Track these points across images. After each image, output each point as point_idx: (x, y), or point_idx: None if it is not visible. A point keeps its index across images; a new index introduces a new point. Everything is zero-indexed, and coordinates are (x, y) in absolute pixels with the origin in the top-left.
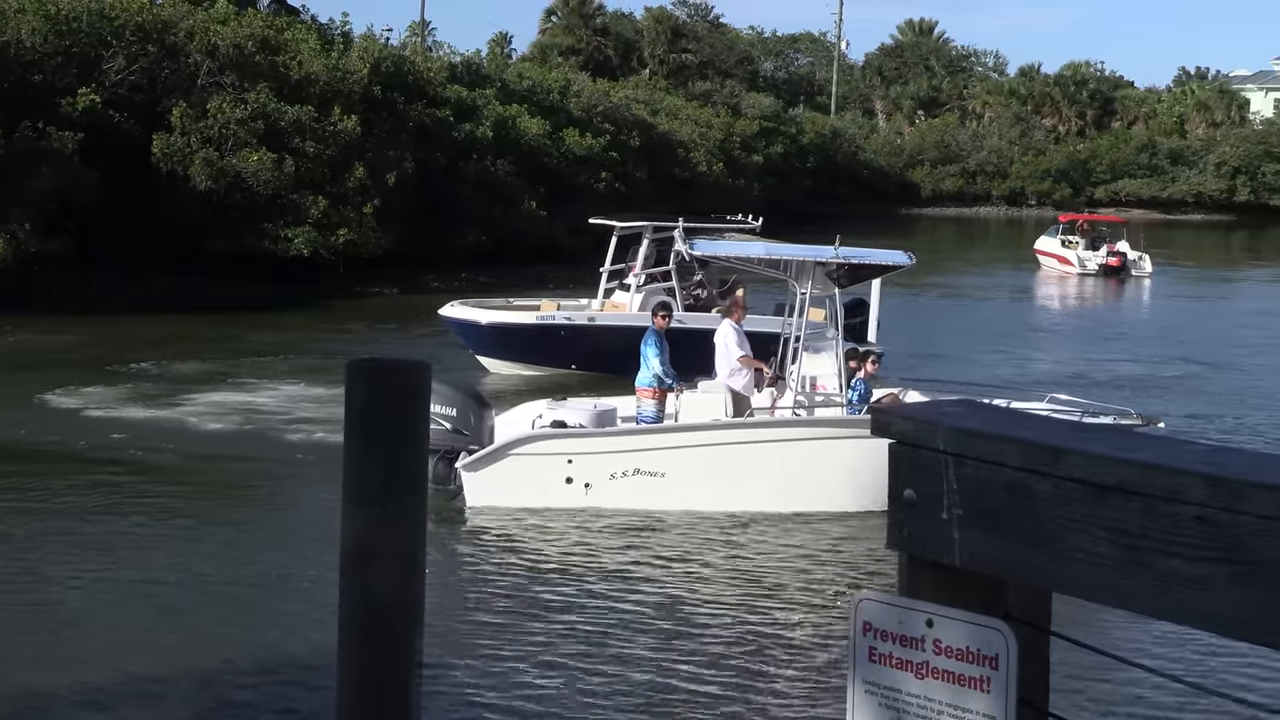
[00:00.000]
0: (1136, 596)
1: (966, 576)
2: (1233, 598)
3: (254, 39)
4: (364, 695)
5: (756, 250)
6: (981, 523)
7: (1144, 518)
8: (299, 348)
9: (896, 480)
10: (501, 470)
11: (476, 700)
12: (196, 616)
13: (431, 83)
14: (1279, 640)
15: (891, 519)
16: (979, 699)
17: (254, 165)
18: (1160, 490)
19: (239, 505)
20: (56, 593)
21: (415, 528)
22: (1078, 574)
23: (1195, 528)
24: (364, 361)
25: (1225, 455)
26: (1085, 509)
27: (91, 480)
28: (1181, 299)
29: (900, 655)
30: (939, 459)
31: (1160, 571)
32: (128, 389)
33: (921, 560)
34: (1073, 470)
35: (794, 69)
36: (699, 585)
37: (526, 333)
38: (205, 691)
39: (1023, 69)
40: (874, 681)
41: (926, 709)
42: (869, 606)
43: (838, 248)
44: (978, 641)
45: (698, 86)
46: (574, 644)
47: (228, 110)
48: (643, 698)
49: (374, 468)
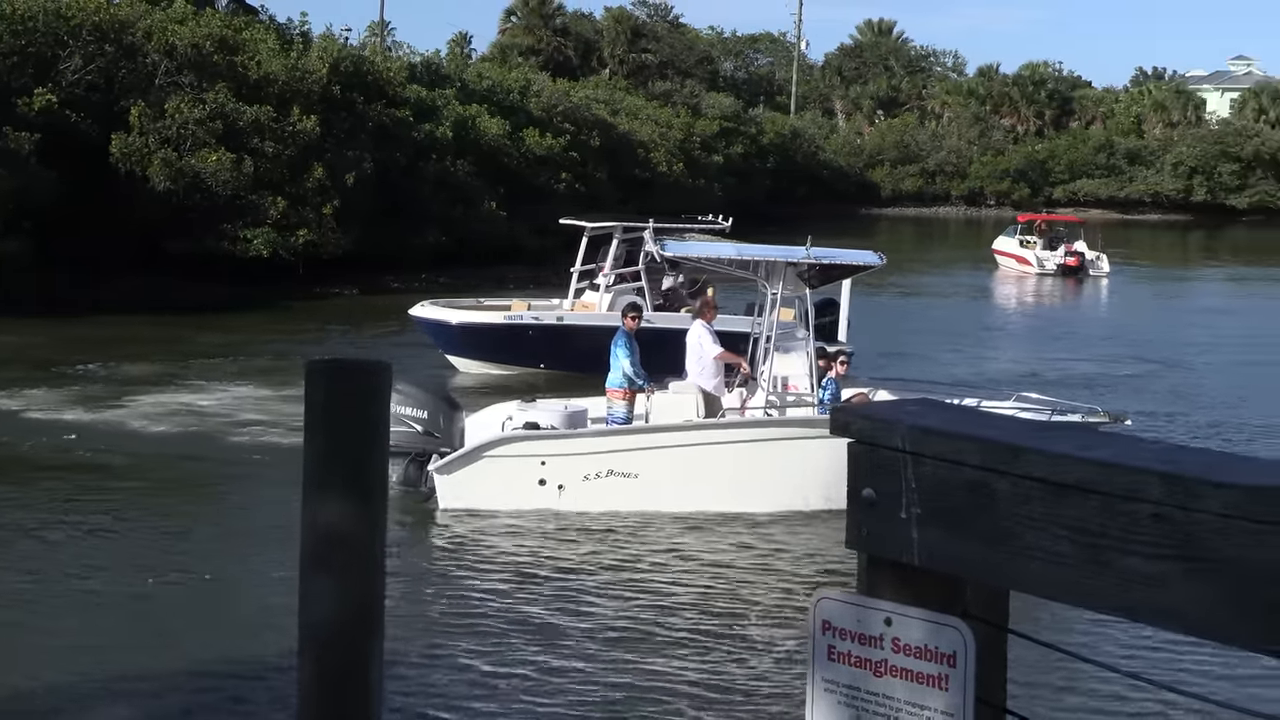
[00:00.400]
0: (1095, 594)
1: (925, 575)
2: (1190, 595)
3: (212, 39)
4: (325, 692)
5: (727, 251)
6: (940, 522)
7: (1102, 516)
8: (255, 349)
9: (855, 479)
10: (474, 473)
11: (440, 697)
12: (152, 617)
13: (391, 83)
14: (1235, 637)
15: (850, 518)
16: (937, 696)
17: (213, 165)
18: (1118, 489)
19: (193, 505)
20: (5, 594)
21: (376, 527)
22: (1036, 572)
23: (1153, 526)
24: (324, 362)
25: (1182, 454)
26: (1044, 507)
27: (38, 481)
28: (1137, 298)
29: (859, 653)
30: (898, 458)
31: (1118, 569)
32: (74, 390)
33: (880, 559)
34: (1031, 469)
35: (754, 69)
36: (669, 585)
37: (496, 332)
38: (161, 692)
39: (981, 69)
40: (833, 680)
41: (885, 707)
42: (828, 605)
43: (809, 248)
44: (936, 639)
45: (658, 86)
46: (545, 646)
47: (186, 110)
48: (607, 695)
49: (334, 467)
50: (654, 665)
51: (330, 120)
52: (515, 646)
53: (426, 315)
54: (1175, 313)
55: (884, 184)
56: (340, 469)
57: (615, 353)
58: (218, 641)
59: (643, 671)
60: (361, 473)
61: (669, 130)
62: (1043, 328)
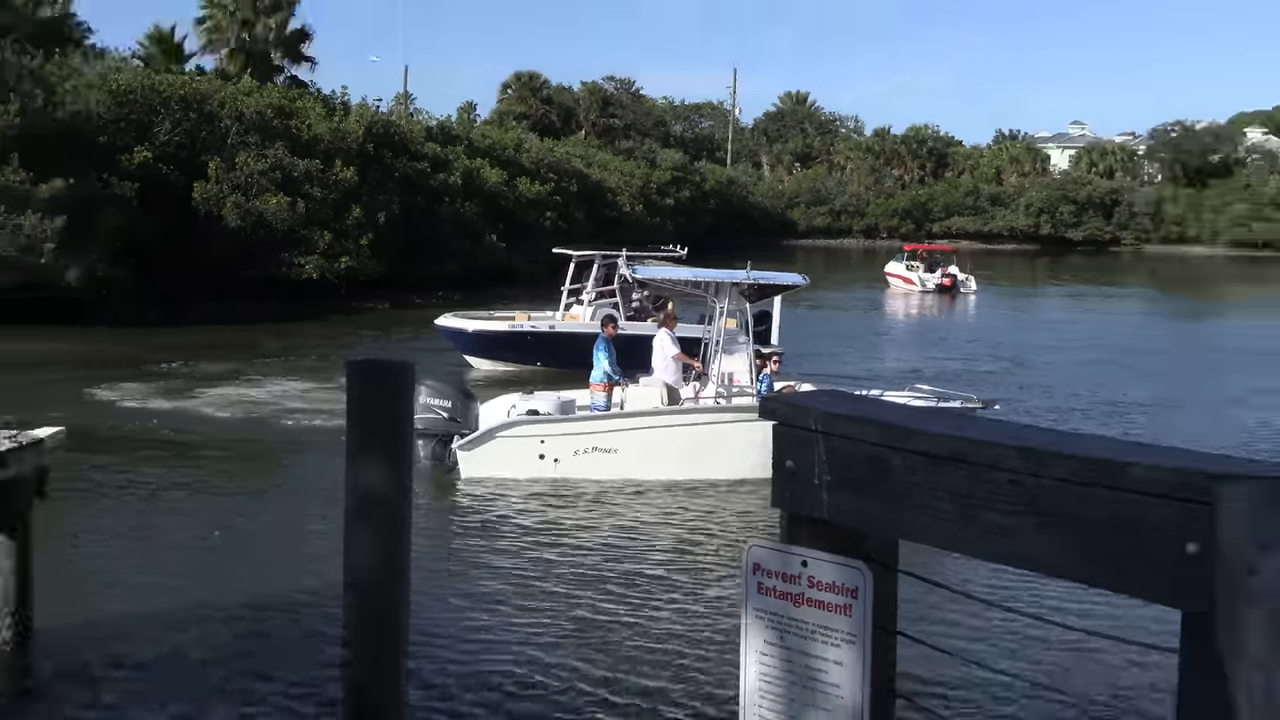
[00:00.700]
0: (966, 542)
1: (833, 528)
2: (1037, 542)
3: (272, 107)
4: (364, 619)
5: (685, 274)
6: (845, 486)
7: (970, 482)
8: (305, 352)
9: (779, 454)
10: (489, 450)
11: (460, 628)
12: (218, 562)
13: (413, 141)
14: (1071, 573)
15: (775, 484)
16: (843, 621)
17: (273, 207)
18: (983, 460)
19: (253, 474)
20: (112, 542)
21: (403, 493)
22: (920, 525)
23: (1009, 489)
24: (360, 362)
25: (1031, 433)
26: (926, 475)
27: (134, 455)
28: (997, 311)
29: (782, 589)
30: (812, 437)
31: (983, 523)
32: (160, 385)
33: (798, 516)
34: (916, 445)
35: (698, 130)
36: (639, 535)
37: (501, 338)
38: (228, 620)
39: (876, 130)
40: (762, 609)
41: (802, 630)
42: (757, 552)
43: (749, 271)
44: (842, 578)
45: (622, 144)
46: (543, 581)
47: (252, 164)
48: (585, 616)
49: (369, 445)
50: (625, 596)
51: (365, 171)
52: (523, 582)
53: (448, 324)
54: (1026, 322)
55: (800, 221)
56: (374, 446)
57: (597, 355)
58: (271, 581)
59: (617, 600)
60: (391, 449)
61: (631, 179)
62: (923, 334)
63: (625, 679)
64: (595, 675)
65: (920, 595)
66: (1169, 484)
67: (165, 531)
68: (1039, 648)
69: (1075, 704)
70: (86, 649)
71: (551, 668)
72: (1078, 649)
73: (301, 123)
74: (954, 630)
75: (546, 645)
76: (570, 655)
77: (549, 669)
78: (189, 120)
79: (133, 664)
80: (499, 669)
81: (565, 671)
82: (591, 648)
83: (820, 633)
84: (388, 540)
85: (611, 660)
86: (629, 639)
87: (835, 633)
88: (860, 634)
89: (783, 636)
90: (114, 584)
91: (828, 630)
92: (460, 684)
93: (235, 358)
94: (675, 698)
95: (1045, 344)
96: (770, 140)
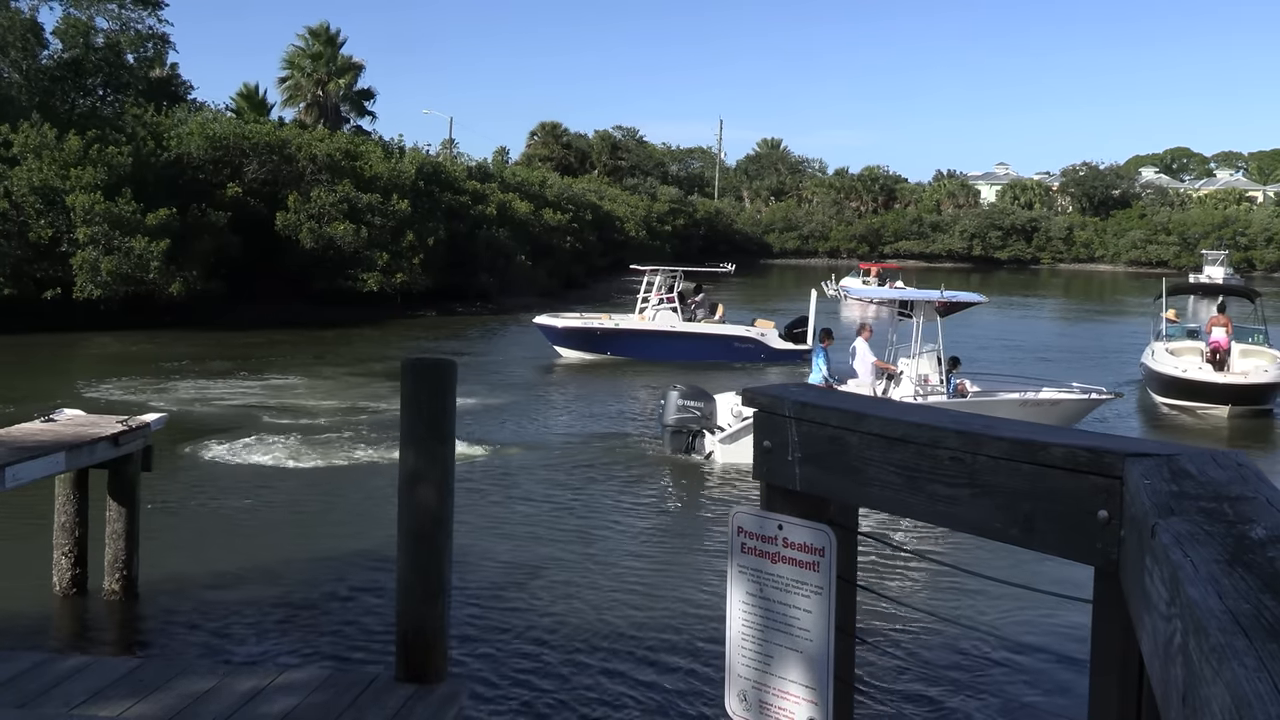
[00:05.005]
0: (914, 509)
1: (803, 497)
2: (972, 509)
3: (341, 151)
4: (414, 571)
5: (890, 294)
6: (813, 462)
7: (918, 458)
8: (367, 352)
9: (759, 435)
10: (745, 443)
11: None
12: (291, 524)
13: (456, 179)
14: (1003, 535)
15: (756, 460)
16: (812, 575)
17: (341, 232)
18: (928, 440)
19: (321, 452)
20: (197, 512)
21: (446, 468)
22: (876, 494)
23: (950, 464)
24: (413, 359)
25: (968, 418)
26: (880, 453)
27: (224, 431)
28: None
29: (761, 548)
30: (786, 421)
31: (929, 492)
32: (244, 377)
33: (775, 486)
34: (871, 428)
35: (690, 170)
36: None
37: (581, 333)
38: (303, 573)
39: (837, 170)
40: (744, 565)
41: (778, 582)
42: (741, 517)
43: (942, 291)
44: (811, 538)
45: (628, 181)
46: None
47: (324, 197)
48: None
49: (419, 428)
50: (644, 551)
51: (416, 203)
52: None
53: (543, 322)
54: (961, 328)
55: (775, 244)
56: (423, 429)
57: (816, 361)
58: (337, 539)
59: (641, 556)
60: (437, 432)
61: (636, 210)
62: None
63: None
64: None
65: (875, 552)
66: (1084, 461)
67: (243, 500)
68: (976, 599)
69: (1005, 644)
70: (182, 600)
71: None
72: (1007, 599)
73: (364, 164)
74: (905, 583)
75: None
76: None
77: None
78: (272, 161)
79: (220, 613)
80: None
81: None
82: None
83: (793, 585)
84: (433, 505)
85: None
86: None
87: (805, 585)
88: (826, 586)
89: (762, 588)
90: (205, 546)
91: (799, 583)
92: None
93: (310, 357)
94: (672, 645)
95: (976, 344)
96: (750, 178)
